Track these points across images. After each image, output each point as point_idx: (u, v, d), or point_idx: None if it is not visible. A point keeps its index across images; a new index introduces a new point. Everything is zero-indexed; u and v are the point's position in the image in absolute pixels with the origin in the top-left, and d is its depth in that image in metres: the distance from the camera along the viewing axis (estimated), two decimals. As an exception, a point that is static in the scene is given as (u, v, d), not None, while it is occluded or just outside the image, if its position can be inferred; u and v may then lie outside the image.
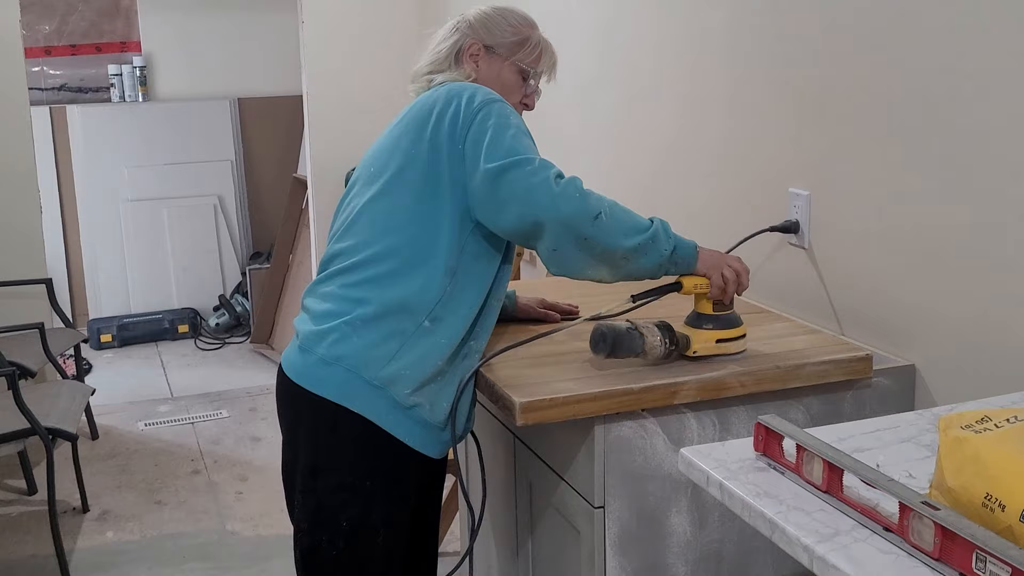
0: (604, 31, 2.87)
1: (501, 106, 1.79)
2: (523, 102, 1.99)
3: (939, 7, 1.73)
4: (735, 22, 2.29)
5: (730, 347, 1.81)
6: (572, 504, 1.81)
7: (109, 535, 3.41)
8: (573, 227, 1.70)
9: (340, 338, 1.78)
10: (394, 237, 1.79)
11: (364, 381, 1.77)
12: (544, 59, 1.98)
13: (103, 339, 5.58)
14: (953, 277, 1.76)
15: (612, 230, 1.72)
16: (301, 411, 1.85)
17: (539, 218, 1.70)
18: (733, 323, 1.82)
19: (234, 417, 4.50)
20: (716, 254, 1.82)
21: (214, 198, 5.90)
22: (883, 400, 1.85)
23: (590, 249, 1.72)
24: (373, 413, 1.78)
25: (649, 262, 1.76)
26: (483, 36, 1.94)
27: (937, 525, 1.00)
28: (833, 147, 2.01)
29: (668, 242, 1.77)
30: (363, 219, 1.83)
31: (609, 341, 1.76)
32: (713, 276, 1.79)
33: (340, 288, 1.82)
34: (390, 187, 1.81)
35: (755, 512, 1.18)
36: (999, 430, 1.09)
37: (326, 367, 1.79)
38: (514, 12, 2.00)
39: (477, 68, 1.94)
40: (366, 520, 1.83)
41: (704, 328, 1.81)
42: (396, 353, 1.77)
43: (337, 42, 4.31)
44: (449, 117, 1.78)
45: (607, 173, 2.92)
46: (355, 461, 1.82)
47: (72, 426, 3.23)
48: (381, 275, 1.78)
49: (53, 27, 5.69)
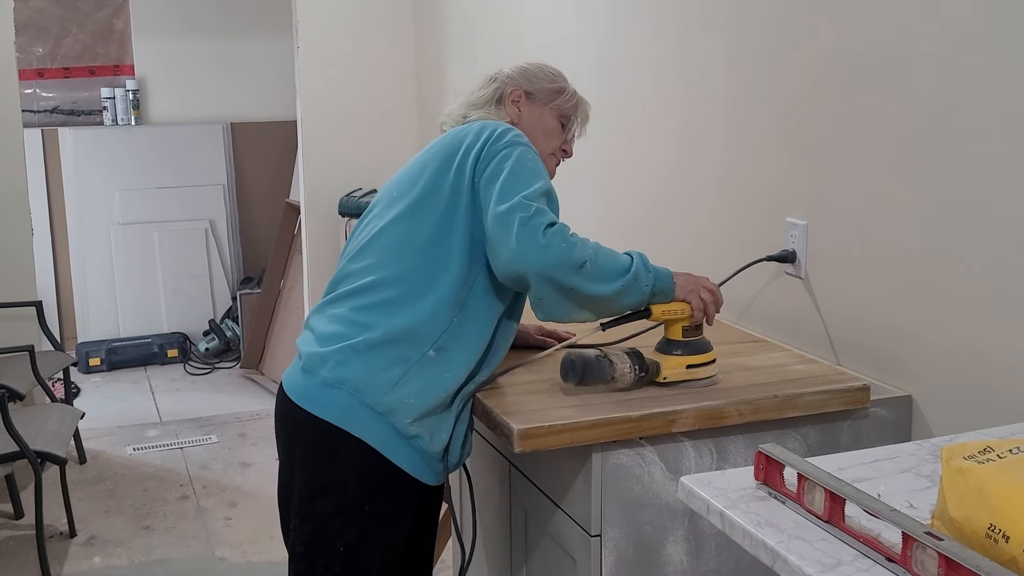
0: (601, 61, 2.89)
1: (525, 150, 1.80)
2: (563, 148, 2.02)
3: (935, 43, 1.75)
4: (733, 53, 2.30)
5: (700, 372, 1.81)
6: (568, 532, 1.80)
7: (96, 560, 3.37)
8: (557, 278, 1.70)
9: (344, 361, 1.78)
10: (406, 263, 1.79)
11: (366, 406, 1.76)
12: (581, 108, 2.04)
13: (92, 363, 5.54)
14: (950, 308, 1.76)
15: (596, 277, 1.72)
16: (301, 433, 1.84)
17: (525, 269, 1.71)
18: (703, 348, 1.82)
19: (223, 442, 4.47)
20: (690, 278, 1.83)
21: (205, 222, 5.89)
22: (880, 430, 1.85)
23: (575, 297, 1.73)
24: (374, 439, 1.77)
25: (632, 300, 1.77)
26: (523, 84, 1.99)
27: (941, 556, 0.99)
28: (830, 177, 2.02)
29: (648, 276, 1.77)
30: (378, 242, 1.84)
31: (579, 369, 1.76)
32: (692, 300, 1.80)
33: (348, 311, 1.81)
34: (409, 213, 1.82)
35: (756, 541, 1.17)
36: (1002, 461, 1.09)
37: (329, 390, 1.78)
38: (548, 66, 2.06)
39: (519, 113, 1.97)
40: (363, 544, 1.82)
41: (674, 354, 1.81)
42: (399, 380, 1.76)
43: (332, 68, 4.32)
44: (475, 150, 1.80)
45: (603, 202, 2.93)
46: (354, 485, 1.81)
47: (61, 449, 3.21)
48: (389, 300, 1.78)
49: (47, 49, 5.70)
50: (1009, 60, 1.62)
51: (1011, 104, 1.62)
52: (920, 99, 1.79)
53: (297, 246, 5.16)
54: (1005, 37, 1.62)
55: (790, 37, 2.11)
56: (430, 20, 4.23)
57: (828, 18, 1.99)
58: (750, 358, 2.02)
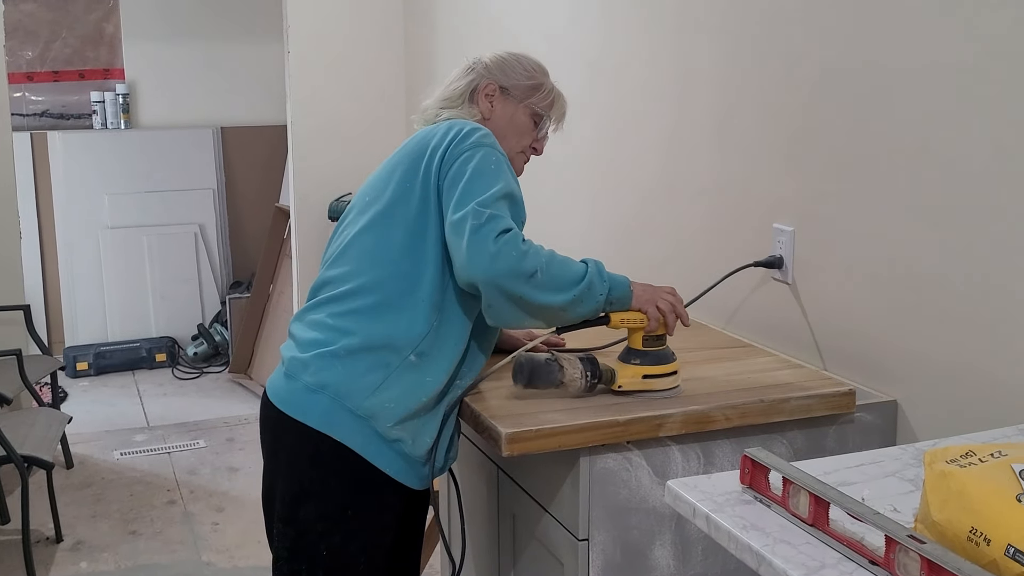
0: (590, 65, 2.90)
1: (489, 152, 1.78)
2: (533, 146, 2.00)
3: (922, 56, 1.76)
4: (722, 59, 2.31)
5: (657, 383, 1.79)
6: (556, 536, 1.81)
7: (83, 566, 3.36)
8: (506, 287, 1.70)
9: (325, 366, 1.78)
10: (381, 271, 1.79)
11: (348, 410, 1.77)
12: (556, 106, 2.00)
13: (79, 367, 5.52)
14: (935, 315, 1.77)
15: (547, 286, 1.71)
16: (283, 438, 1.84)
17: (474, 276, 1.70)
18: (663, 359, 1.80)
19: (211, 447, 4.46)
20: (649, 288, 1.82)
21: (195, 226, 5.88)
22: (866, 435, 1.86)
23: (525, 306, 1.72)
24: (356, 443, 1.77)
25: (586, 309, 1.76)
26: (499, 77, 1.96)
27: (923, 559, 1.00)
28: (817, 184, 2.04)
29: (603, 285, 1.76)
30: (353, 249, 1.83)
31: (526, 372, 1.76)
32: (649, 310, 1.79)
33: (327, 317, 1.82)
34: (380, 219, 1.82)
35: (742, 545, 1.18)
36: (983, 464, 1.10)
37: (311, 395, 1.78)
38: (528, 58, 2.02)
39: (492, 108, 1.95)
40: (346, 549, 1.82)
41: (631, 363, 1.80)
42: (380, 385, 1.76)
43: (323, 72, 4.32)
44: (440, 152, 1.78)
45: (591, 207, 2.94)
46: (336, 490, 1.81)
47: (48, 454, 3.20)
48: (367, 307, 1.79)
49: (36, 53, 5.68)
50: (994, 74, 1.63)
51: (994, 115, 1.63)
52: (905, 107, 1.80)
53: (286, 250, 5.16)
54: (992, 50, 1.64)
55: (779, 45, 2.12)
56: (420, 24, 4.24)
57: (818, 27, 2.01)
58: (737, 363, 2.03)
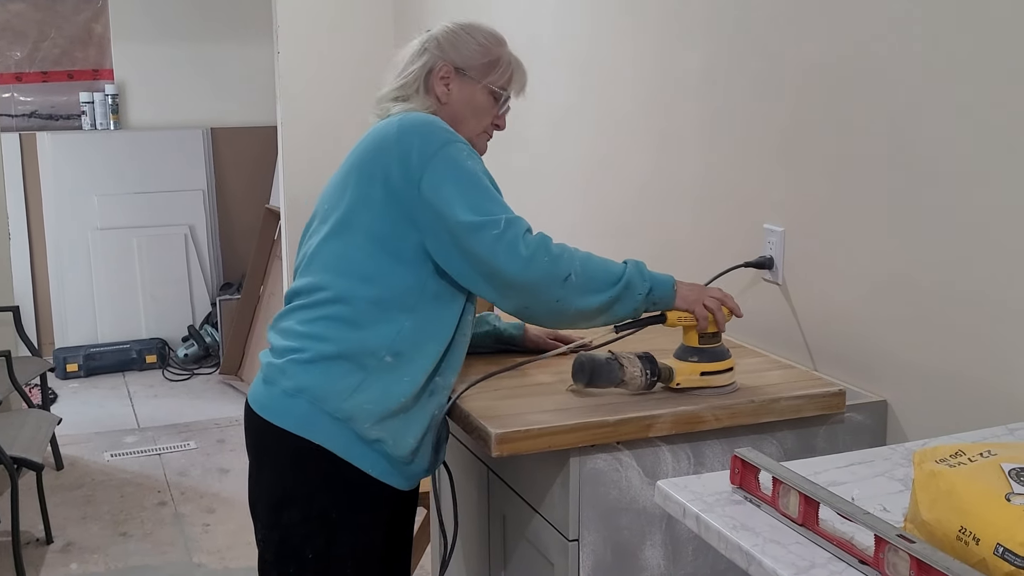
0: (580, 66, 2.90)
1: (456, 149, 1.75)
2: (494, 123, 1.93)
3: (913, 56, 1.76)
4: (712, 60, 2.32)
5: (715, 380, 1.81)
6: (546, 537, 1.80)
7: (73, 567, 3.35)
8: (542, 292, 1.70)
9: (301, 371, 1.76)
10: (348, 279, 1.76)
11: (326, 414, 1.75)
12: (516, 79, 1.93)
13: (69, 368, 5.50)
14: (924, 315, 1.78)
15: (582, 289, 1.71)
16: (264, 443, 1.84)
17: (506, 282, 1.70)
18: (719, 356, 1.82)
19: (202, 448, 4.45)
20: (696, 288, 1.83)
21: (185, 227, 5.87)
22: (855, 435, 1.86)
23: (561, 310, 1.73)
24: (336, 445, 1.76)
25: (625, 309, 1.77)
26: (453, 57, 1.87)
27: (913, 558, 1.00)
28: (807, 184, 2.04)
29: (644, 285, 1.76)
30: (318, 260, 1.81)
31: (587, 371, 1.77)
32: (696, 309, 1.80)
33: (298, 324, 1.80)
34: (341, 227, 1.78)
35: (732, 545, 1.18)
36: (973, 464, 1.10)
37: (289, 399, 1.77)
38: (482, 29, 1.93)
39: (448, 91, 1.87)
40: (332, 551, 1.82)
41: (689, 360, 1.81)
42: (358, 387, 1.75)
43: (313, 73, 4.31)
44: (402, 159, 1.73)
45: (581, 206, 2.94)
46: (319, 493, 1.80)
47: (38, 456, 3.18)
48: (339, 315, 1.76)
49: (24, 53, 5.66)
50: (987, 74, 1.64)
51: (986, 115, 1.64)
52: (895, 108, 1.81)
53: (277, 252, 5.15)
54: (984, 52, 1.64)
55: (769, 45, 2.12)
56: (411, 24, 4.24)
57: (807, 28, 2.01)
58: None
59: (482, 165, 1.79)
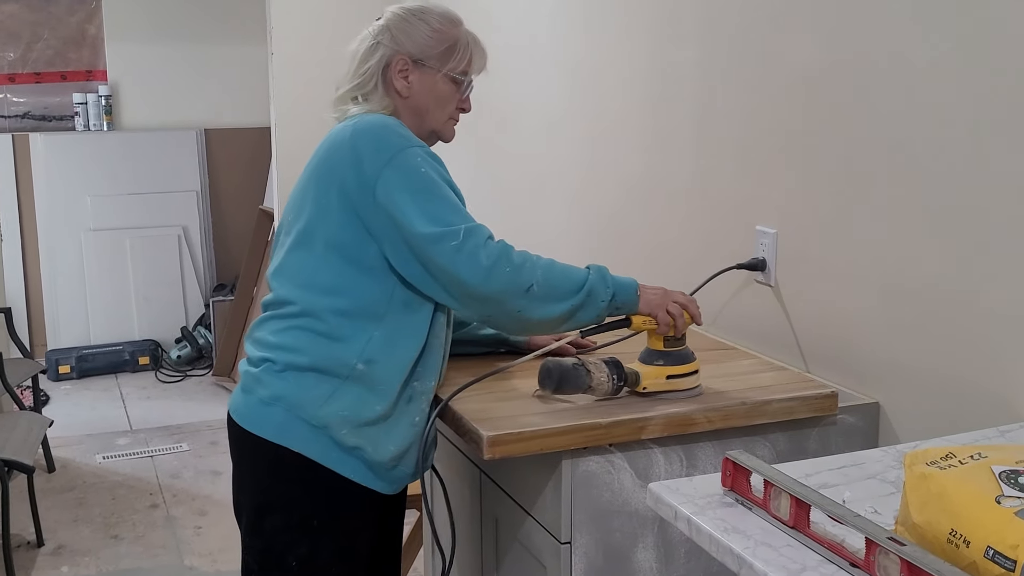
0: (571, 66, 2.90)
1: (411, 155, 1.71)
2: (459, 107, 1.88)
3: (902, 58, 1.77)
4: (704, 62, 2.32)
5: (681, 383, 1.81)
6: (538, 540, 1.80)
7: (64, 570, 3.34)
8: (504, 302, 1.70)
9: (277, 380, 1.76)
10: (314, 294, 1.75)
11: (303, 421, 1.74)
12: (475, 60, 1.87)
13: (61, 370, 5.48)
14: (916, 317, 1.78)
15: (545, 299, 1.71)
16: (244, 451, 1.83)
17: (467, 292, 1.69)
18: (684, 359, 1.82)
19: (194, 451, 4.44)
20: (659, 292, 1.81)
21: (178, 229, 5.85)
22: (848, 437, 1.86)
23: (524, 319, 1.73)
24: (315, 452, 1.75)
25: (588, 316, 1.76)
26: (409, 48, 1.81)
27: (903, 561, 1.00)
28: (800, 186, 2.04)
29: (606, 292, 1.75)
30: (285, 272, 1.80)
31: (554, 377, 1.76)
32: (658, 315, 1.79)
33: (272, 335, 1.79)
34: (303, 239, 1.77)
35: (723, 547, 1.18)
36: (963, 467, 1.10)
37: (266, 408, 1.77)
38: (434, 12, 1.86)
39: (408, 85, 1.82)
40: (316, 558, 1.81)
41: (655, 364, 1.81)
42: (332, 394, 1.74)
43: (306, 74, 4.30)
44: (354, 164, 1.71)
45: (572, 208, 2.94)
46: (300, 500, 1.79)
47: (29, 458, 3.17)
48: (309, 327, 1.75)
49: (18, 54, 5.65)
50: (980, 77, 1.64)
51: (976, 118, 1.64)
52: (887, 112, 1.81)
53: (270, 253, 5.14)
54: (979, 53, 1.64)
55: (761, 48, 2.12)
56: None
57: (799, 30, 2.01)
58: (720, 365, 2.03)
59: (440, 169, 1.75)
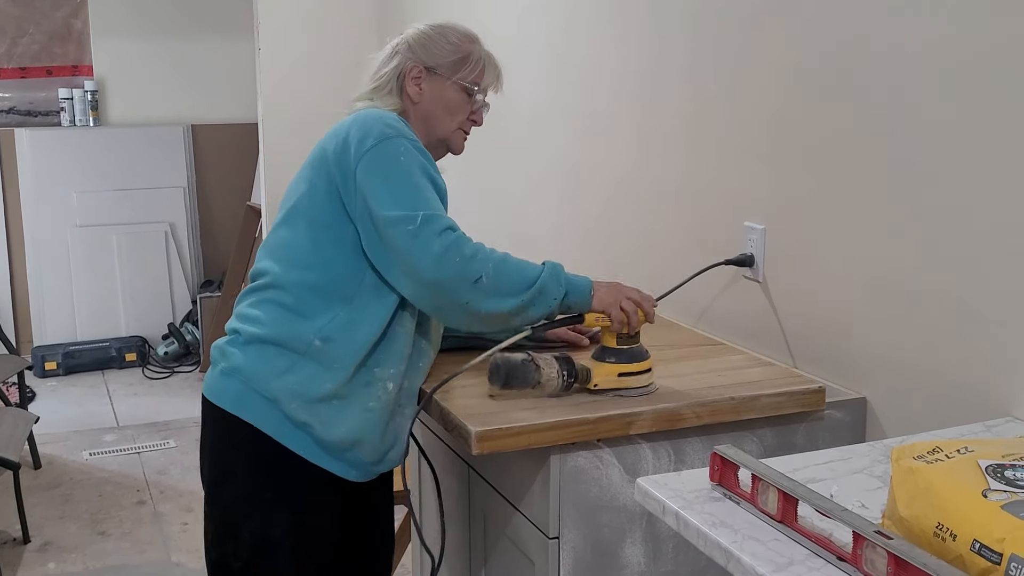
0: (559, 61, 2.90)
1: (395, 144, 1.76)
2: (471, 119, 1.95)
3: (894, 54, 1.77)
4: (693, 57, 2.32)
5: (633, 381, 1.79)
6: (526, 535, 1.80)
7: (51, 567, 3.33)
8: (451, 292, 1.71)
9: (239, 352, 1.82)
10: (289, 268, 1.81)
11: (257, 393, 1.79)
12: (488, 73, 1.94)
13: (48, 366, 5.46)
14: (903, 313, 1.79)
15: (493, 292, 1.72)
16: (208, 422, 1.90)
17: (419, 279, 1.71)
18: (638, 357, 1.80)
19: (181, 447, 4.43)
20: (613, 289, 1.81)
21: (165, 225, 5.83)
22: (835, 432, 1.87)
23: (472, 312, 1.73)
24: (266, 425, 1.79)
25: (538, 313, 1.77)
26: (423, 57, 1.90)
27: (890, 554, 1.01)
28: (788, 182, 2.04)
29: (559, 290, 1.76)
30: (268, 245, 1.88)
31: (503, 373, 1.75)
32: (612, 312, 1.79)
33: (246, 307, 1.87)
34: (291, 215, 1.84)
35: (711, 542, 1.18)
36: (950, 461, 1.10)
37: (225, 379, 1.83)
38: (454, 29, 1.95)
39: (420, 91, 1.90)
40: (268, 533, 1.83)
41: (607, 361, 1.80)
42: (287, 369, 1.78)
43: (293, 69, 4.30)
44: (343, 149, 1.78)
45: (561, 204, 2.94)
46: (255, 473, 1.83)
47: (15, 454, 3.16)
48: (278, 300, 1.81)
49: (3, 49, 5.62)
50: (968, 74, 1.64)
51: (963, 117, 1.64)
52: (875, 108, 1.81)
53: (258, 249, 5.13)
54: (969, 49, 1.65)
55: (750, 44, 2.12)
56: (392, 22, 4.22)
57: (788, 26, 2.01)
58: (707, 361, 2.03)
59: (423, 162, 1.78)
